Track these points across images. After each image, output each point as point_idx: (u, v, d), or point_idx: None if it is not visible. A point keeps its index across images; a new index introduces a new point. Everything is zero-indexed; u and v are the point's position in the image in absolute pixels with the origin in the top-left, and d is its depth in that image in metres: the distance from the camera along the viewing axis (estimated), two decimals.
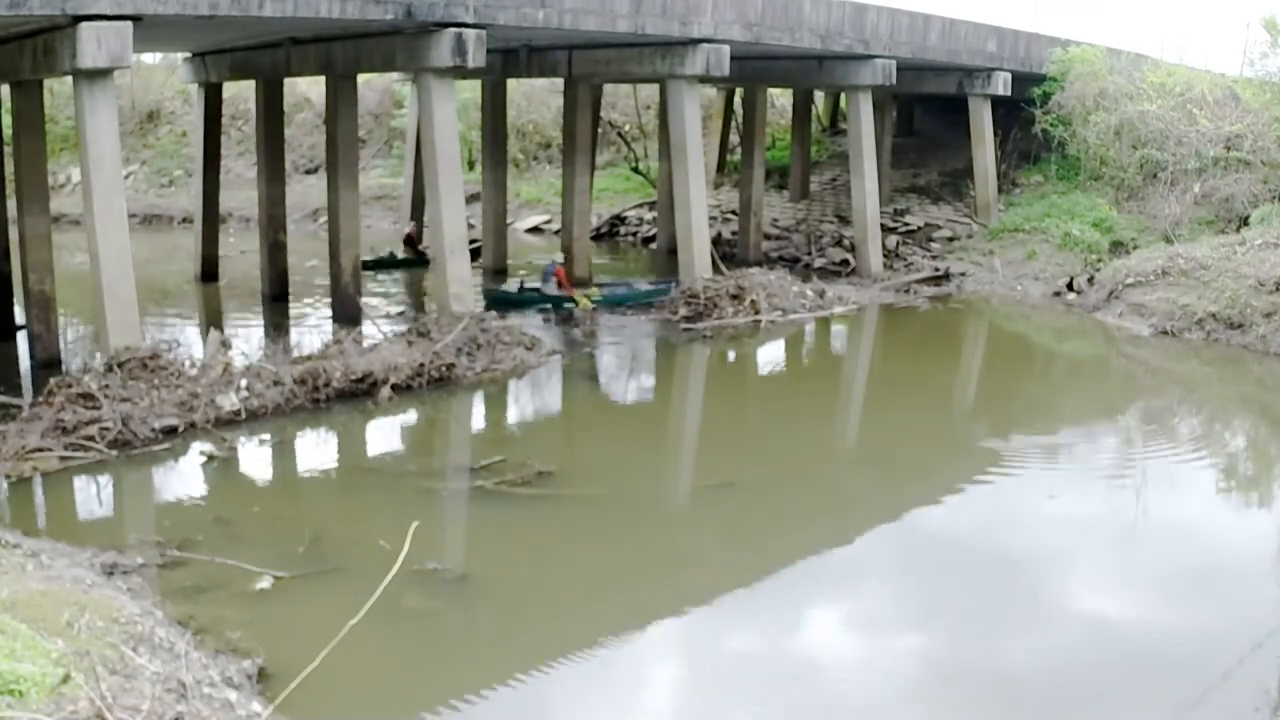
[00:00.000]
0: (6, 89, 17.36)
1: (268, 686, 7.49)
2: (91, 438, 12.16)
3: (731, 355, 19.58)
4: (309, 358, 15.20)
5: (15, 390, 14.76)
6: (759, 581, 10.02)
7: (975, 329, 22.01)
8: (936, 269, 25.14)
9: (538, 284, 21.49)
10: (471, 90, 31.51)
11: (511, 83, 29.13)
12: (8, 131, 17.57)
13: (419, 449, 13.86)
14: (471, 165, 31.76)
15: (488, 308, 20.00)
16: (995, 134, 27.66)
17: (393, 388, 14.71)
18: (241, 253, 26.21)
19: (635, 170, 34.27)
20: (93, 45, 13.05)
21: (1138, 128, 26.41)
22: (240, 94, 33.19)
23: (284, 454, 13.47)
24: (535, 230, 32.78)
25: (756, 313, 20.34)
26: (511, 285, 22.37)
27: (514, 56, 23.47)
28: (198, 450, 12.66)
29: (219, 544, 9.90)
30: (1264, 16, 27.06)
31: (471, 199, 24.52)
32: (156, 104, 36.65)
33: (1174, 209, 24.50)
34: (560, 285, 21.06)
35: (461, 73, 18.32)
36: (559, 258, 22.51)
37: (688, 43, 19.92)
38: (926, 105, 33.29)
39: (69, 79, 14.31)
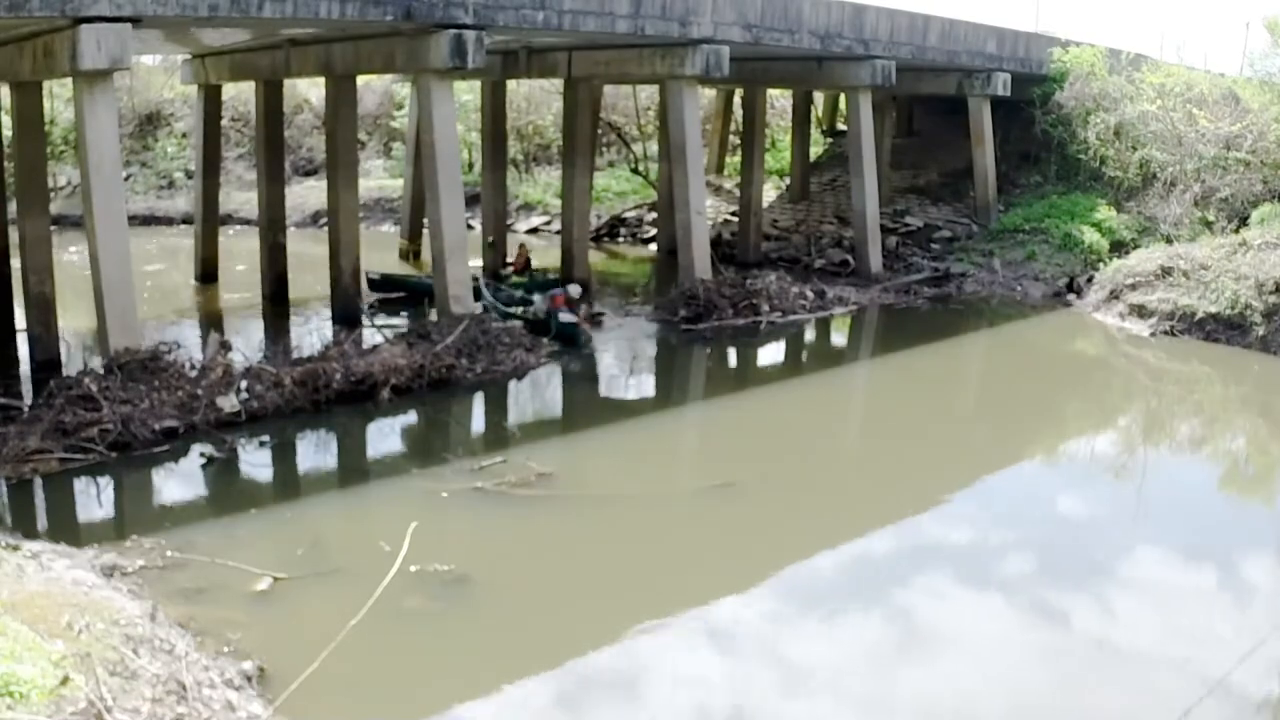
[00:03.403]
0: (6, 90, 17.36)
1: (268, 688, 7.48)
2: (91, 440, 12.16)
3: (731, 356, 19.57)
4: (309, 359, 15.19)
5: (15, 392, 14.76)
6: (758, 583, 10.02)
7: (975, 330, 21.99)
8: (936, 270, 25.13)
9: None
10: (471, 92, 31.52)
11: (511, 84, 29.15)
12: (8, 133, 17.57)
13: (419, 450, 13.85)
14: (471, 167, 31.76)
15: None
16: (995, 134, 27.66)
17: (393, 389, 14.70)
18: (238, 269, 25.37)
19: (635, 171, 34.27)
20: (92, 47, 13.05)
21: (1137, 128, 26.41)
22: (240, 95, 33.20)
23: (284, 455, 13.47)
24: (535, 231, 32.77)
25: (756, 314, 20.34)
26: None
27: (514, 57, 23.48)
28: (198, 452, 12.66)
29: (219, 545, 9.89)
30: (1266, 18, 27.03)
31: (471, 201, 24.52)
32: (156, 105, 36.62)
33: (1174, 209, 24.48)
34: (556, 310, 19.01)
35: (461, 74, 18.32)
36: (574, 290, 20.20)
37: (687, 44, 19.91)
38: (926, 106, 33.28)
39: (69, 80, 14.32)
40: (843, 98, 32.57)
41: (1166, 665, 8.72)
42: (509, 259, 24.48)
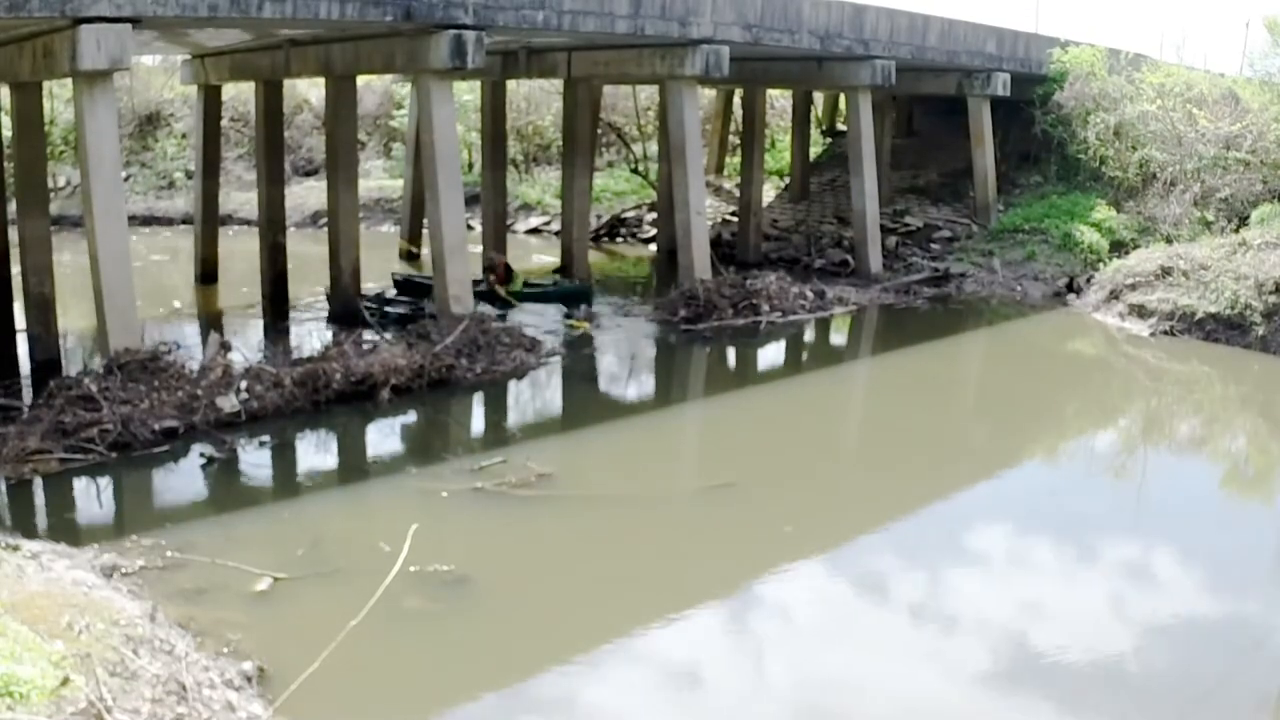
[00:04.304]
0: (6, 90, 17.34)
1: (268, 688, 7.49)
2: (91, 440, 12.16)
3: (731, 356, 19.58)
4: (309, 359, 15.19)
5: (15, 392, 14.76)
6: (758, 582, 10.04)
7: (975, 330, 22.00)
8: (936, 270, 25.13)
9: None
10: (471, 92, 31.52)
11: (511, 85, 29.15)
12: (8, 133, 17.56)
13: (419, 451, 13.86)
14: (471, 167, 31.76)
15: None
16: (994, 135, 27.67)
17: (393, 389, 14.70)
18: (239, 269, 25.56)
19: (635, 171, 34.28)
20: (92, 47, 13.04)
21: (1137, 128, 26.41)
22: (240, 95, 33.19)
23: (284, 456, 13.46)
24: (535, 232, 32.79)
25: (756, 314, 20.34)
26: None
27: (513, 58, 23.48)
28: (198, 452, 12.66)
29: (218, 546, 9.89)
30: (1266, 18, 27.05)
31: (471, 201, 24.50)
32: (156, 105, 36.62)
33: (1173, 209, 24.48)
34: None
35: (461, 74, 18.32)
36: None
37: (687, 44, 19.91)
38: (926, 106, 33.30)
39: (69, 80, 14.32)
40: (843, 98, 32.57)
41: (1166, 664, 8.72)
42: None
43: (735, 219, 29.06)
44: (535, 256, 27.69)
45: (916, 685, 8.31)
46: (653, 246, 30.13)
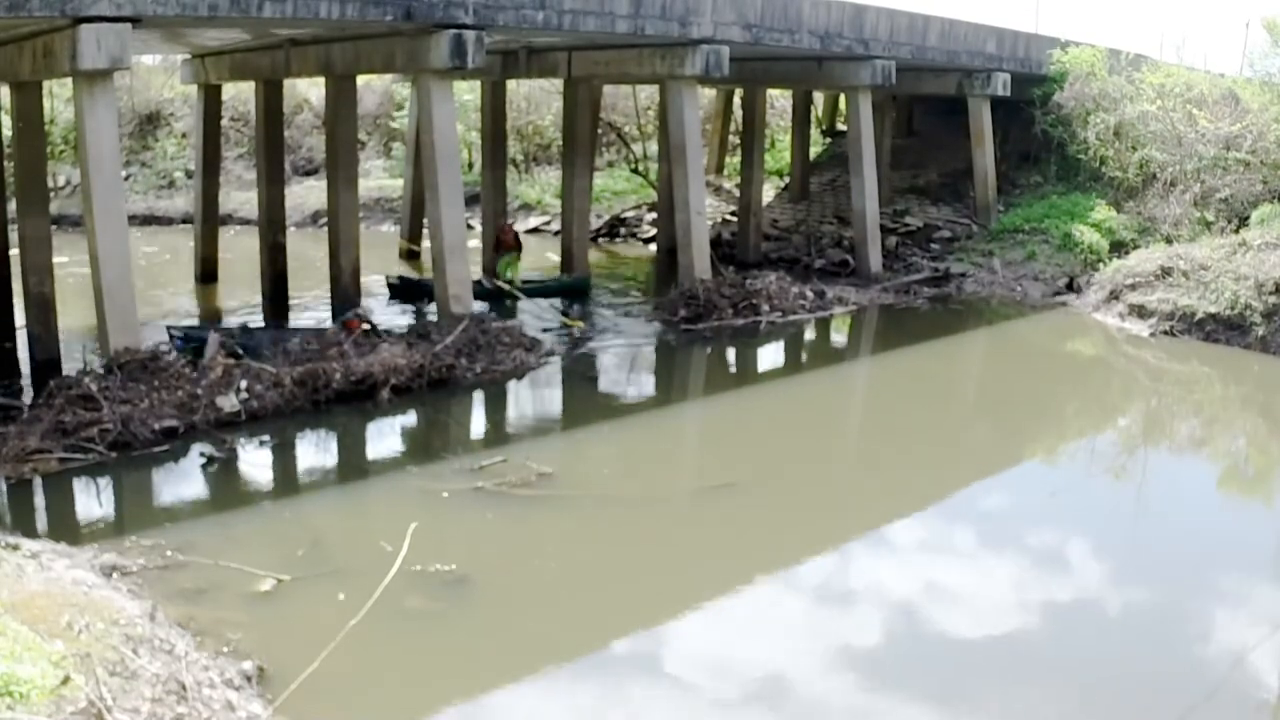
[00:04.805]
0: (6, 90, 17.33)
1: (268, 688, 7.49)
2: (91, 439, 12.16)
3: (731, 356, 19.58)
4: (309, 359, 15.17)
5: (15, 392, 14.76)
6: (758, 583, 10.04)
7: (975, 330, 22.00)
8: (936, 270, 25.13)
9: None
10: (471, 92, 31.53)
11: (511, 84, 29.15)
12: (8, 133, 17.57)
13: (419, 450, 13.86)
14: (471, 167, 31.75)
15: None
16: (995, 134, 27.67)
17: (393, 389, 14.70)
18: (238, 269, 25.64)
19: (635, 171, 34.27)
20: (92, 47, 13.04)
21: (1137, 128, 26.40)
22: (240, 95, 33.20)
23: (284, 455, 13.47)
24: (535, 231, 32.78)
25: (756, 314, 20.34)
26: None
27: (514, 57, 23.48)
28: (198, 452, 12.66)
29: (219, 546, 9.89)
30: (1266, 18, 27.03)
31: (471, 201, 24.50)
32: (156, 105, 36.62)
33: (1173, 209, 24.47)
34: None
35: (461, 74, 18.33)
36: (358, 311, 17.81)
37: (687, 44, 19.91)
38: (926, 106, 33.31)
39: (69, 80, 14.32)
40: (843, 98, 32.58)
41: (1165, 665, 8.72)
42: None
43: (735, 219, 29.05)
44: (544, 255, 27.67)
45: (916, 685, 8.31)
46: (653, 246, 30.12)
